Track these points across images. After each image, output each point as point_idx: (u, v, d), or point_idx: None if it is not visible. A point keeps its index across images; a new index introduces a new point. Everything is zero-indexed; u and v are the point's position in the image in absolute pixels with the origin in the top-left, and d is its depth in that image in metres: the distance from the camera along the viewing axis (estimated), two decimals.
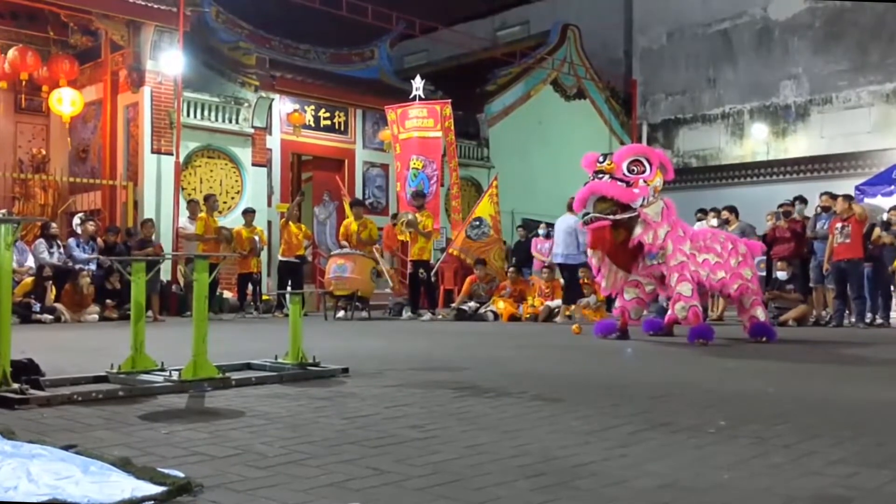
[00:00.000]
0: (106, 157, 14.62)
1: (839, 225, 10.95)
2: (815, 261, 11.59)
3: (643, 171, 7.44)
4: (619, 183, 7.33)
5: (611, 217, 7.35)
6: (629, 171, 7.41)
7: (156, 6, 13.73)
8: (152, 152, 14.02)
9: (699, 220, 13.07)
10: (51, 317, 10.87)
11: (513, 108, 21.17)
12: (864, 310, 11.09)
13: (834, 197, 11.69)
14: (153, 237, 12.65)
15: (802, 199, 12.45)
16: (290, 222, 13.41)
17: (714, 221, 12.31)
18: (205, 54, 15.42)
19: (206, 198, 13.32)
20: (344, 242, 12.91)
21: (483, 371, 5.46)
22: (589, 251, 7.98)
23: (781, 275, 11.63)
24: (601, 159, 7.55)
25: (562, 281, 13.15)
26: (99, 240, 12.36)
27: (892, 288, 11.55)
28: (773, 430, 3.24)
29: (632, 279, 7.96)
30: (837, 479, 2.45)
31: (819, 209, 11.76)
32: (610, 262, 7.82)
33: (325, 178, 17.69)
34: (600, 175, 7.41)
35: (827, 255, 11.15)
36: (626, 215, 7.35)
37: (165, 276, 12.82)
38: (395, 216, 15.38)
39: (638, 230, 7.41)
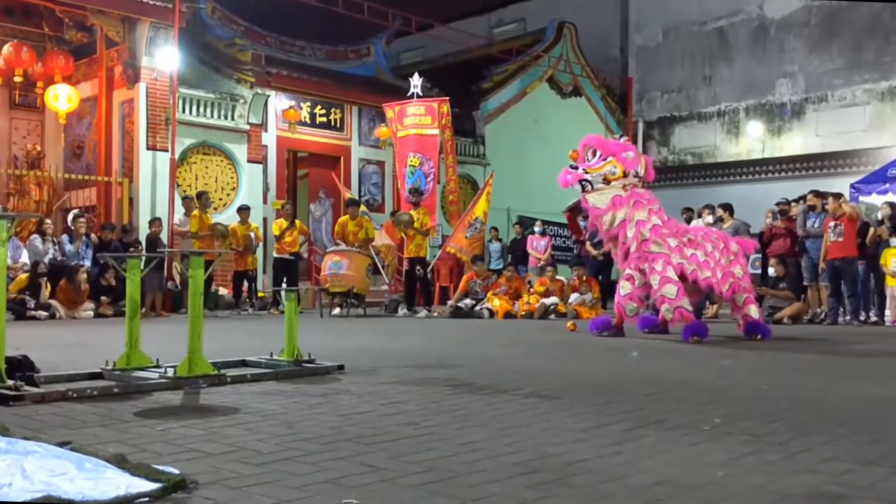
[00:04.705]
0: (101, 154, 14.58)
1: (832, 224, 10.99)
2: (808, 259, 11.61)
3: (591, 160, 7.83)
4: (570, 170, 7.84)
5: (565, 209, 8.00)
6: (587, 159, 7.87)
7: (151, 2, 13.68)
8: (148, 149, 13.98)
9: (687, 219, 13.07)
10: (45, 313, 10.86)
11: (509, 106, 21.16)
12: (859, 308, 11.12)
13: (819, 195, 11.72)
14: (156, 235, 12.71)
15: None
16: (284, 224, 13.44)
17: (709, 218, 12.32)
18: (200, 51, 15.37)
19: (199, 195, 13.30)
20: (339, 241, 12.90)
21: (478, 368, 5.46)
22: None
23: (773, 272, 11.65)
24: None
25: (564, 280, 13.17)
26: (93, 236, 12.34)
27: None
28: (767, 427, 3.25)
29: (626, 274, 7.99)
30: (831, 477, 2.46)
31: (806, 207, 11.79)
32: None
33: (320, 175, 17.66)
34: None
35: (822, 254, 11.18)
36: (572, 202, 7.86)
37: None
38: (393, 213, 15.37)
39: (590, 218, 7.90)
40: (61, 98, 14.19)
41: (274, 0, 20.86)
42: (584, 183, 7.73)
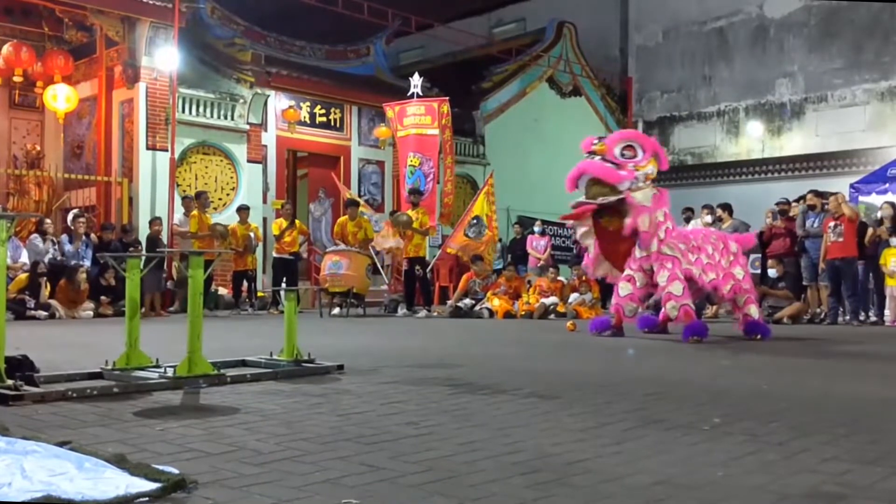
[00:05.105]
0: (101, 154, 14.58)
1: (832, 224, 10.99)
2: (808, 259, 11.61)
3: (635, 157, 7.55)
4: (607, 164, 7.45)
5: (595, 202, 7.46)
6: (622, 155, 7.55)
7: (151, 2, 13.68)
8: (147, 148, 13.97)
9: (686, 218, 13.07)
10: (45, 313, 10.85)
11: (508, 106, 21.16)
12: (859, 308, 11.12)
13: (819, 195, 11.73)
14: (157, 235, 12.74)
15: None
16: (284, 224, 13.45)
17: (708, 218, 12.33)
18: (200, 50, 15.36)
19: (198, 195, 13.31)
20: (338, 241, 12.89)
21: (478, 368, 5.46)
22: (579, 231, 8.07)
23: (773, 273, 11.67)
24: (596, 141, 7.68)
25: (562, 280, 13.16)
26: (93, 236, 12.34)
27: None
28: (766, 427, 3.25)
29: (626, 274, 7.98)
30: (831, 476, 2.46)
31: (806, 207, 11.79)
32: (600, 247, 7.93)
33: (320, 175, 17.66)
34: (591, 156, 7.52)
35: (822, 254, 11.19)
36: (612, 198, 7.41)
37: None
38: (392, 213, 15.36)
39: (629, 218, 7.50)
40: (60, 98, 14.18)
41: (274, 0, 20.84)
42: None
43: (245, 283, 13.56)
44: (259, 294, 13.81)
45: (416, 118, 14.82)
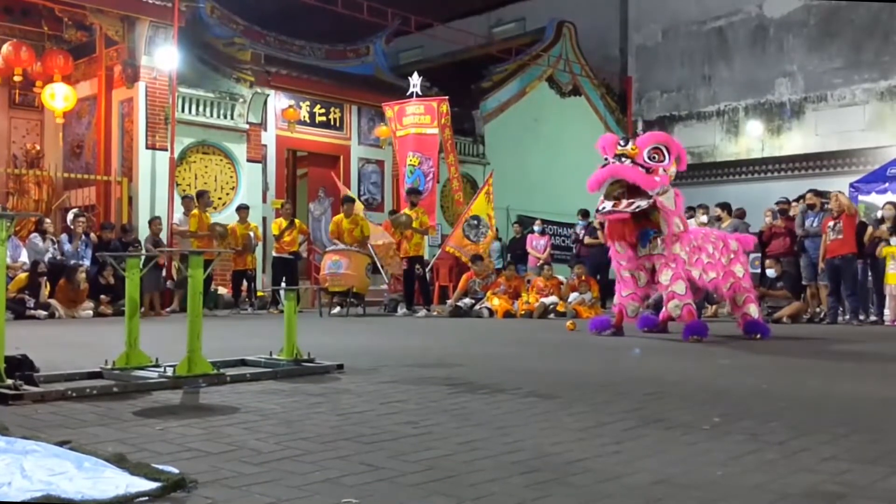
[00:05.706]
0: (100, 153, 14.58)
1: (831, 223, 10.98)
2: (807, 258, 11.61)
3: (662, 160, 7.45)
4: (640, 169, 7.29)
5: (628, 210, 7.28)
6: (649, 158, 7.42)
7: (150, 1, 13.68)
8: (147, 148, 13.97)
9: (689, 217, 13.06)
10: (45, 313, 10.85)
11: (508, 105, 21.17)
12: (859, 307, 11.12)
13: (819, 194, 11.72)
14: (157, 235, 12.75)
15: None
16: (283, 223, 13.45)
17: (704, 218, 12.32)
18: (199, 50, 15.37)
19: (199, 194, 13.29)
20: (335, 240, 12.88)
21: (478, 367, 5.46)
22: (611, 243, 7.93)
23: (771, 273, 11.67)
24: (622, 143, 7.52)
25: (561, 279, 13.15)
26: (93, 235, 12.34)
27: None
28: (766, 426, 3.25)
29: (626, 274, 7.97)
30: (830, 476, 2.46)
31: (805, 207, 11.78)
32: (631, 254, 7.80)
33: (320, 175, 17.67)
34: (622, 158, 7.34)
35: (822, 253, 11.18)
36: (644, 204, 7.28)
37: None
38: (391, 213, 15.37)
39: (664, 224, 7.41)
40: (58, 97, 14.18)
41: (273, 0, 20.85)
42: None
43: (245, 283, 13.56)
44: (259, 293, 13.80)
45: (416, 118, 14.82)
